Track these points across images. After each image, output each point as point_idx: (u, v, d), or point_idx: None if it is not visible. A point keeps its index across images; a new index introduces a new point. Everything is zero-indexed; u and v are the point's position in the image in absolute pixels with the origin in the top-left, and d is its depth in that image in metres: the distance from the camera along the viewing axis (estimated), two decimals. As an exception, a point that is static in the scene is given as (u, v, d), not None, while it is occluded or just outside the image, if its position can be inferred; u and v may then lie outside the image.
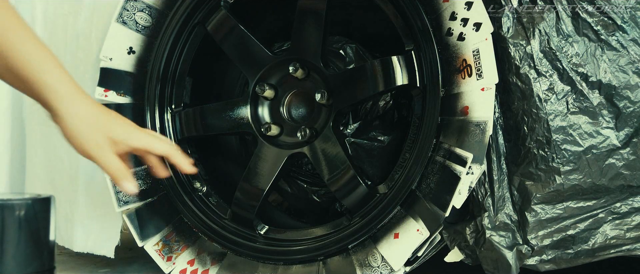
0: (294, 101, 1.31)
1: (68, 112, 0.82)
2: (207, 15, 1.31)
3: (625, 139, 0.97)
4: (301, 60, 1.23)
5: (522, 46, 0.98)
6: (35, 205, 0.79)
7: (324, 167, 1.20)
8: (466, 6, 1.01)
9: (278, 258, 1.20)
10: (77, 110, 0.83)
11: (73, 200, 1.47)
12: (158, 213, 1.31)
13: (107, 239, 1.41)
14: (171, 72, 1.34)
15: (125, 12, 1.32)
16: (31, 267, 0.79)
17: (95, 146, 0.85)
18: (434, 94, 1.06)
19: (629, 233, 0.98)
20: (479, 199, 1.02)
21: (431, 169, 1.04)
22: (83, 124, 0.84)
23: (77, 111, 0.83)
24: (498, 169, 1.01)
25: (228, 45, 1.30)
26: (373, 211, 1.12)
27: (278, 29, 1.49)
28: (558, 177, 0.97)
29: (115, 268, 1.55)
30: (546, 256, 0.99)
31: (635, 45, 0.96)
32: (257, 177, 1.25)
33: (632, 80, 0.96)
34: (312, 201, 1.47)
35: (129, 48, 1.34)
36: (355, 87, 1.19)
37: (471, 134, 1.00)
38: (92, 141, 0.84)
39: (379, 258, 1.09)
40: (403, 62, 1.12)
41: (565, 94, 0.97)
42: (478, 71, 0.99)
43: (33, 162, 1.63)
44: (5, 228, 0.77)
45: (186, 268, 1.26)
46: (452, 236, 1.05)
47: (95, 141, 0.85)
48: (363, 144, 1.36)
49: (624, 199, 0.98)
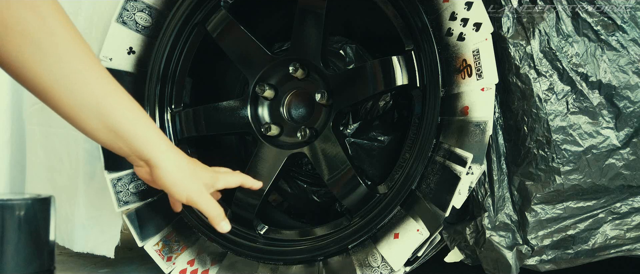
0: (294, 101, 1.31)
1: (169, 165, 0.94)
2: (207, 16, 1.31)
3: (625, 139, 0.97)
4: (301, 60, 1.23)
5: (522, 46, 0.98)
6: (35, 205, 0.79)
7: (323, 168, 1.20)
8: (466, 6, 1.01)
9: (278, 258, 1.20)
10: (177, 163, 0.96)
11: (73, 200, 1.47)
12: (158, 213, 1.31)
13: (107, 239, 1.41)
14: (171, 72, 1.34)
15: (125, 12, 1.32)
16: (31, 267, 0.79)
17: (196, 192, 0.99)
18: (433, 94, 1.06)
19: (629, 233, 0.98)
20: (479, 199, 1.02)
21: (431, 169, 1.04)
22: (184, 174, 0.97)
23: (177, 164, 0.96)
24: (498, 169, 1.01)
25: (228, 45, 1.30)
26: (373, 211, 1.12)
27: (278, 29, 1.49)
28: (558, 177, 0.97)
29: (115, 268, 1.55)
30: (546, 256, 0.99)
31: (635, 46, 0.96)
32: (257, 178, 1.25)
33: (632, 80, 0.96)
34: (312, 201, 1.47)
35: (129, 48, 1.34)
36: (355, 87, 1.19)
37: (471, 134, 1.00)
38: (193, 188, 0.98)
39: (379, 258, 1.09)
40: (403, 62, 1.12)
41: (565, 94, 0.97)
42: (478, 71, 0.99)
43: (33, 162, 1.63)
44: (5, 228, 0.77)
45: (186, 268, 1.26)
46: (452, 236, 1.05)
47: (196, 188, 0.99)
48: (363, 144, 1.36)
49: (624, 199, 0.98)
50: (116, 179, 1.31)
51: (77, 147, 1.45)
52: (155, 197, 1.32)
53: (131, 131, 0.90)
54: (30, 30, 0.78)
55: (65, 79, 0.83)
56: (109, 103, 0.87)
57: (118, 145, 0.91)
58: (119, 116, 0.88)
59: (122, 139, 0.90)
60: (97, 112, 0.86)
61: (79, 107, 0.85)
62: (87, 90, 0.85)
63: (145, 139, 0.92)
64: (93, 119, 0.87)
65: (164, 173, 0.95)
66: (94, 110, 0.86)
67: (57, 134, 1.52)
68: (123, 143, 0.90)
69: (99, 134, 0.88)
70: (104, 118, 0.87)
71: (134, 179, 1.32)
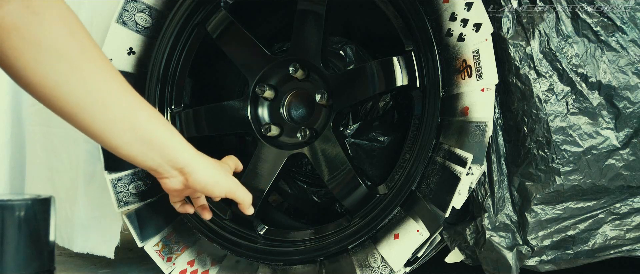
0: (294, 102, 1.31)
1: (203, 168, 0.97)
2: (207, 16, 1.31)
3: (625, 140, 0.97)
4: (301, 60, 1.23)
5: (522, 47, 0.98)
6: (35, 205, 0.79)
7: (323, 168, 1.20)
8: (466, 7, 1.01)
9: (278, 259, 1.20)
10: (208, 164, 0.99)
11: (73, 200, 1.47)
12: (158, 214, 1.31)
13: (107, 239, 1.41)
14: (171, 72, 1.34)
15: (125, 12, 1.32)
16: (31, 267, 0.78)
17: (234, 185, 1.03)
18: (434, 94, 1.06)
19: (628, 234, 0.98)
20: (479, 200, 1.02)
21: (431, 169, 1.05)
22: (219, 172, 1.00)
23: (209, 165, 0.99)
24: (498, 170, 1.01)
25: (228, 45, 1.30)
26: (373, 211, 1.13)
27: (278, 30, 1.49)
28: (558, 177, 0.97)
29: (115, 269, 1.55)
30: (546, 257, 0.99)
31: (634, 46, 0.96)
32: (257, 178, 1.25)
33: (632, 81, 0.96)
34: (312, 202, 1.47)
35: (129, 49, 1.34)
36: (355, 87, 1.19)
37: (471, 134, 1.00)
38: (231, 183, 1.03)
39: (379, 259, 1.09)
40: (403, 62, 1.12)
41: (565, 94, 0.97)
42: (478, 71, 0.99)
43: (33, 162, 1.63)
44: (5, 228, 0.77)
45: (186, 269, 1.26)
46: (452, 236, 1.05)
47: (232, 181, 1.03)
48: (363, 145, 1.36)
49: (623, 199, 0.98)
50: (116, 179, 1.31)
51: (77, 147, 1.45)
52: (156, 197, 1.32)
53: (165, 141, 0.91)
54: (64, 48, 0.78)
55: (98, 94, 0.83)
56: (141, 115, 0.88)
57: (150, 157, 0.91)
58: (151, 127, 0.89)
59: (156, 150, 0.91)
60: (130, 125, 0.87)
61: (111, 122, 0.85)
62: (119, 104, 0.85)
63: (179, 147, 0.93)
64: (126, 133, 0.87)
65: (203, 177, 0.97)
66: (126, 124, 0.86)
67: (57, 134, 1.52)
68: (156, 154, 0.91)
69: (131, 147, 0.88)
70: (137, 131, 0.87)
71: (134, 179, 1.32)
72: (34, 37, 0.76)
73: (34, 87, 0.79)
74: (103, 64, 0.83)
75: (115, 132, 0.86)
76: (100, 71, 0.83)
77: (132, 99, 0.87)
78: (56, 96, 0.80)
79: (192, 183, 0.97)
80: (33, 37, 0.76)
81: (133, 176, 1.32)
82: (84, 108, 0.82)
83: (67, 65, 0.79)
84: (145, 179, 1.32)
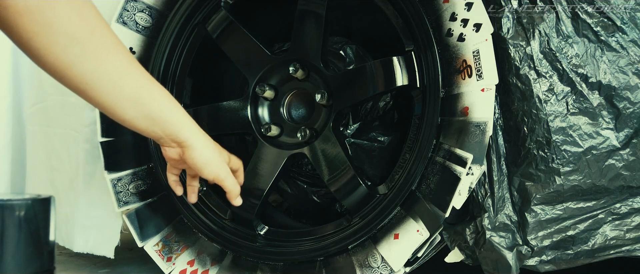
0: (294, 102, 1.31)
1: (201, 145, 1.03)
2: (207, 16, 1.31)
3: (625, 140, 0.97)
4: (301, 60, 1.23)
5: (522, 47, 0.98)
6: (35, 205, 0.79)
7: (324, 168, 1.20)
8: (466, 7, 1.01)
9: (278, 259, 1.20)
10: (207, 143, 1.04)
11: (73, 200, 1.47)
12: (158, 214, 1.31)
13: (107, 239, 1.41)
14: (171, 72, 1.34)
15: (126, 12, 1.32)
16: (31, 267, 0.78)
17: (224, 171, 1.07)
18: (434, 94, 1.06)
19: (628, 234, 0.98)
20: (478, 200, 1.02)
21: (431, 169, 1.05)
22: (214, 154, 1.05)
23: (208, 145, 1.04)
24: (498, 170, 1.01)
25: (228, 45, 1.30)
26: (373, 211, 1.13)
27: (278, 30, 1.49)
28: (558, 178, 0.97)
29: (115, 268, 1.55)
30: (546, 257, 0.99)
31: (634, 47, 0.96)
32: (257, 178, 1.25)
33: (632, 81, 0.96)
34: (312, 202, 1.47)
35: (129, 49, 1.34)
36: (356, 87, 1.19)
37: (471, 134, 1.00)
38: (222, 168, 1.06)
39: (379, 259, 1.09)
40: (403, 62, 1.12)
41: (565, 95, 0.97)
42: (478, 71, 0.99)
43: (33, 162, 1.63)
44: (5, 228, 0.77)
45: (186, 269, 1.26)
46: (452, 236, 1.05)
47: (224, 167, 1.07)
48: (363, 145, 1.36)
49: (623, 199, 0.98)
50: (116, 179, 1.32)
51: (77, 147, 1.45)
52: (156, 197, 1.32)
53: (167, 118, 0.98)
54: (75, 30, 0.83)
55: (107, 75, 0.89)
56: (147, 94, 0.94)
57: (153, 130, 0.98)
58: (156, 105, 0.95)
59: (159, 126, 0.98)
60: (136, 102, 0.93)
61: (120, 100, 0.91)
62: (127, 83, 0.91)
63: (181, 124, 1.00)
64: (132, 109, 0.93)
65: (197, 153, 1.02)
66: (133, 101, 0.93)
67: (57, 134, 1.52)
68: (158, 128, 0.98)
69: (137, 122, 0.95)
70: (142, 108, 0.94)
71: (134, 179, 1.32)
72: (45, 20, 0.80)
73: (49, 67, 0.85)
74: (112, 45, 0.89)
75: (123, 108, 0.93)
76: (109, 51, 0.88)
77: (139, 77, 0.93)
78: (69, 76, 0.86)
79: (186, 158, 1.03)
80: (44, 20, 0.80)
81: (133, 176, 1.32)
82: (94, 87, 0.88)
83: (78, 47, 0.84)
84: (145, 179, 1.32)
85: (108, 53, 0.88)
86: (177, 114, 0.99)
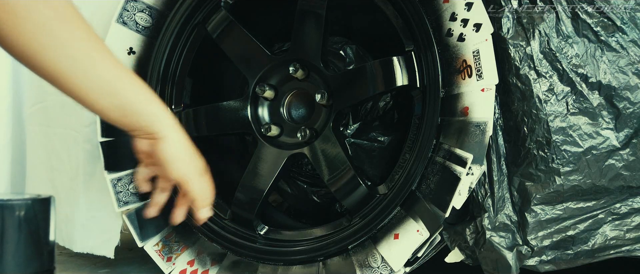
0: (294, 102, 1.31)
1: (173, 139, 0.96)
2: (207, 16, 1.31)
3: (624, 140, 0.97)
4: (301, 60, 1.23)
5: (522, 47, 0.98)
6: (35, 205, 0.79)
7: (324, 168, 1.20)
8: (466, 7, 1.01)
9: (278, 259, 1.20)
10: (180, 140, 0.98)
11: (73, 200, 1.47)
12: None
13: (107, 239, 1.41)
14: (171, 72, 1.34)
15: (126, 12, 1.32)
16: (31, 267, 0.79)
17: (193, 171, 0.99)
18: (434, 94, 1.06)
19: (628, 234, 0.98)
20: (478, 200, 1.02)
21: (431, 169, 1.05)
22: (185, 153, 0.98)
23: (181, 141, 0.98)
24: (498, 170, 1.01)
25: (228, 45, 1.30)
26: (373, 211, 1.13)
27: (278, 30, 1.49)
28: (558, 178, 0.97)
29: (115, 268, 1.55)
30: (546, 257, 0.99)
31: (634, 47, 0.96)
32: (257, 178, 1.25)
33: (632, 81, 0.96)
34: (312, 202, 1.47)
35: (129, 49, 1.34)
36: (356, 87, 1.19)
37: (471, 134, 1.00)
38: (192, 167, 0.99)
39: (379, 259, 1.09)
40: (403, 62, 1.12)
41: (565, 95, 0.97)
42: (478, 71, 0.99)
43: (33, 162, 1.63)
44: (5, 228, 0.77)
45: (186, 269, 1.26)
46: (452, 236, 1.05)
47: (193, 168, 0.99)
48: (363, 145, 1.36)
49: (623, 200, 0.98)
50: (116, 179, 1.32)
51: (77, 147, 1.45)
52: (156, 197, 1.31)
53: (140, 109, 0.94)
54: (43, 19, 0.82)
55: (77, 64, 0.86)
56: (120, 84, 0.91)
57: (126, 121, 0.95)
58: (129, 96, 0.92)
59: (131, 117, 0.94)
60: (108, 92, 0.90)
61: (90, 89, 0.89)
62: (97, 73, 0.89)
63: (154, 116, 0.96)
64: (104, 99, 0.91)
65: (166, 146, 0.97)
66: (104, 91, 0.90)
67: (57, 134, 1.52)
68: (131, 119, 0.95)
69: (109, 112, 0.93)
70: (114, 98, 0.91)
71: (134, 179, 1.32)
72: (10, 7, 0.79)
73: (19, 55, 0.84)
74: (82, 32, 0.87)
75: (95, 97, 0.90)
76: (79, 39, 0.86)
77: (112, 67, 0.91)
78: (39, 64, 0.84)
79: (156, 151, 0.99)
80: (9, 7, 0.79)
81: (133, 176, 1.32)
82: (65, 75, 0.86)
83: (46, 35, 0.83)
84: (145, 179, 1.32)
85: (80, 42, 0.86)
86: (150, 106, 0.95)
